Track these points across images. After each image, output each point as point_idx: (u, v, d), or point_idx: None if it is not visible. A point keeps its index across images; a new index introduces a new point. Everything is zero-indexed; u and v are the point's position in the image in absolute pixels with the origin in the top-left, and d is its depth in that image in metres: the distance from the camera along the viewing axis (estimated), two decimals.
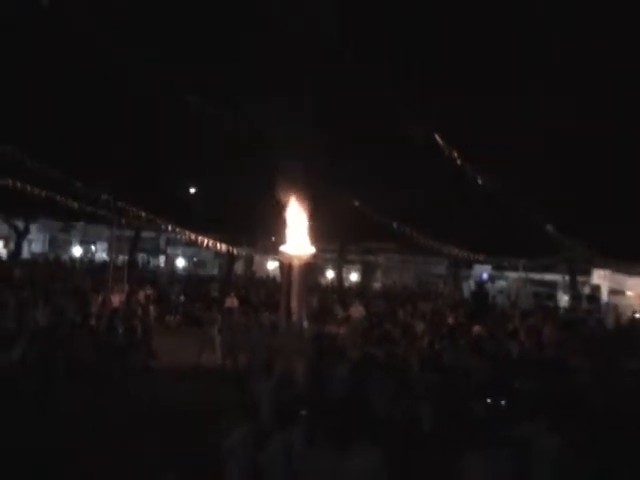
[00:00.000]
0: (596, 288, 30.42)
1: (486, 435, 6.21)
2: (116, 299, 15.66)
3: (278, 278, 23.78)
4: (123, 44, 11.50)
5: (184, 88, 13.04)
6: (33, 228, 33.10)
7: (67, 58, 15.32)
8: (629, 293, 30.48)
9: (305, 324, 13.13)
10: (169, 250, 37.04)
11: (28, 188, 17.20)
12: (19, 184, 17.01)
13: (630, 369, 10.93)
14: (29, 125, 17.38)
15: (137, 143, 19.30)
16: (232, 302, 17.41)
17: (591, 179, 18.58)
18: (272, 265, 32.47)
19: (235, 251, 26.26)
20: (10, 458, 6.73)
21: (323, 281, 32.09)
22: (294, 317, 12.82)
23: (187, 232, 21.54)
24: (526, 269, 29.68)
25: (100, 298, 15.68)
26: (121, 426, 8.03)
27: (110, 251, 34.11)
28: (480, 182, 15.58)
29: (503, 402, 8.44)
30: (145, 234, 31.77)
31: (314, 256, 13.21)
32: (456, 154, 14.50)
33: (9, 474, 6.42)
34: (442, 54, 15.61)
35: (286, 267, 13.38)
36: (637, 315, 26.50)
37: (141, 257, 33.92)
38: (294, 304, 12.83)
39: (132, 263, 28.81)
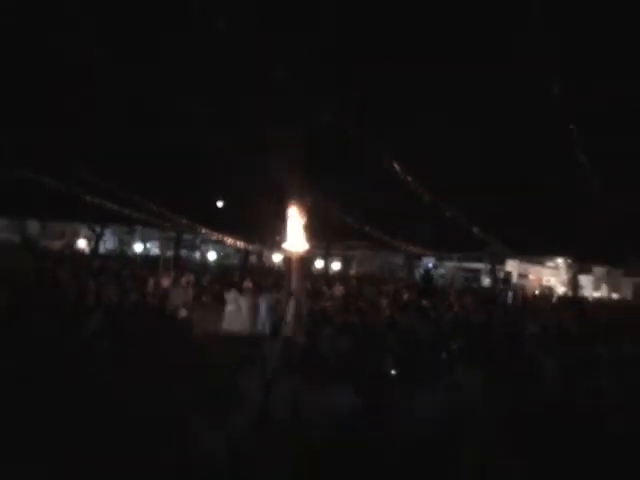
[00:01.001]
0: (508, 273, 30.72)
1: (431, 378, 6.30)
2: (165, 282, 15.58)
3: (281, 267, 23.82)
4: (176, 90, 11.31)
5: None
6: (107, 231, 32.99)
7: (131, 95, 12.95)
8: (531, 277, 30.97)
9: (302, 301, 13.08)
10: (203, 247, 36.82)
11: (103, 203, 17.34)
12: (98, 200, 17.15)
13: (530, 332, 11.10)
14: (104, 157, 17.08)
15: (180, 170, 19.23)
16: (248, 285, 17.36)
17: (506, 196, 18.67)
18: (277, 258, 32.40)
19: (250, 247, 26.27)
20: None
21: (314, 269, 32.06)
22: (294, 296, 12.77)
23: (215, 234, 21.57)
24: (459, 260, 29.94)
25: (153, 282, 15.60)
26: (168, 372, 7.95)
27: (161, 248, 34.01)
28: (427, 198, 15.78)
29: (443, 355, 8.52)
30: (185, 236, 31.62)
31: (308, 251, 13.16)
32: (410, 178, 14.70)
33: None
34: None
35: (287, 259, 13.32)
36: (536, 292, 26.87)
37: (183, 252, 33.69)
38: (293, 286, 12.78)
39: (177, 257, 28.68)
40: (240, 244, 23.97)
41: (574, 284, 29.19)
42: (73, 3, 9.12)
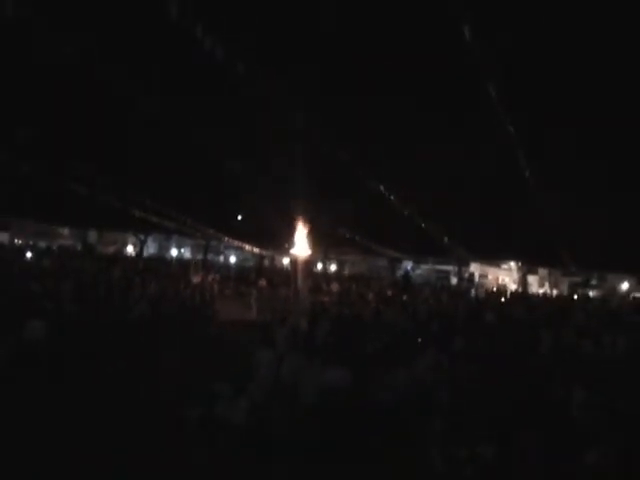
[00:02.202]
0: (472, 274, 30.78)
1: (410, 355, 6.39)
2: (196, 280, 15.64)
3: (289, 269, 23.78)
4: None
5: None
6: (149, 239, 32.99)
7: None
8: (490, 277, 30.93)
9: (305, 296, 13.07)
10: (226, 252, 36.84)
11: (147, 216, 17.56)
12: (143, 214, 17.38)
13: (488, 320, 11.17)
14: (151, 182, 16.91)
15: (209, 191, 19.30)
16: (262, 283, 17.38)
17: (469, 213, 18.60)
18: (286, 261, 32.36)
19: (264, 252, 26.31)
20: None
21: (315, 270, 31.97)
22: (299, 291, 12.78)
23: (236, 241, 21.68)
24: (433, 263, 29.96)
25: (186, 280, 15.65)
26: (196, 350, 7.97)
27: (192, 252, 34.09)
28: (406, 213, 15.92)
29: (419, 340, 8.58)
30: (212, 242, 31.65)
31: (310, 256, 13.23)
32: (392, 198, 14.82)
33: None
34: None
35: (294, 262, 13.35)
36: (493, 289, 26.90)
37: (210, 256, 33.71)
38: (299, 284, 12.79)
39: (205, 259, 28.76)
40: (256, 250, 24.09)
41: (523, 282, 29.37)
42: None
